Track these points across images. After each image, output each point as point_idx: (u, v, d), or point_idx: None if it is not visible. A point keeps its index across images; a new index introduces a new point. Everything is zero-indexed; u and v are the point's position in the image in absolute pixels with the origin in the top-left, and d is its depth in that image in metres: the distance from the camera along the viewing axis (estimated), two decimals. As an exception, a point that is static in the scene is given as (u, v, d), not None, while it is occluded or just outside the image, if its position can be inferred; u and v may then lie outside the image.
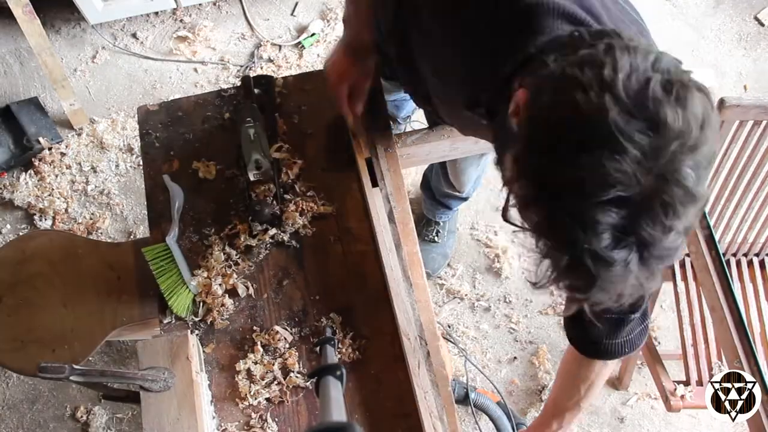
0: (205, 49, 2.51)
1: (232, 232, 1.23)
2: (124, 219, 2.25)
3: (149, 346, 1.07)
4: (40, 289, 1.43)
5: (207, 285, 1.17)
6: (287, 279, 1.20)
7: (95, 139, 2.36)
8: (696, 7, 2.62)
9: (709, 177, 0.85)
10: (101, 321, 1.38)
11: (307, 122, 1.33)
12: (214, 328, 1.17)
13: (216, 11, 2.58)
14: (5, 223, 2.25)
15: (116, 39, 2.54)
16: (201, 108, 1.36)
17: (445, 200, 1.92)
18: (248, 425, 1.10)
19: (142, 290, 1.30)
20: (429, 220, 2.06)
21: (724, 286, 1.19)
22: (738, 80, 2.47)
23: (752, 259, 1.69)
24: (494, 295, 2.13)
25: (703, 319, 1.60)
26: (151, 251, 1.18)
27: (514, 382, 2.02)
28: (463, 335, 2.07)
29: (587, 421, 1.97)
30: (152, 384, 1.02)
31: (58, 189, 2.27)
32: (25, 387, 2.04)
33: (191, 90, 2.42)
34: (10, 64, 2.52)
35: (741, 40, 2.55)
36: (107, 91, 2.46)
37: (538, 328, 2.09)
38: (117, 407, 1.99)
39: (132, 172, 2.32)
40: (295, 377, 1.11)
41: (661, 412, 1.98)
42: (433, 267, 2.10)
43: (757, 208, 1.57)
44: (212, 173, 1.29)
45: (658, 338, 2.05)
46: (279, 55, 2.48)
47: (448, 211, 2.01)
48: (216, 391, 1.12)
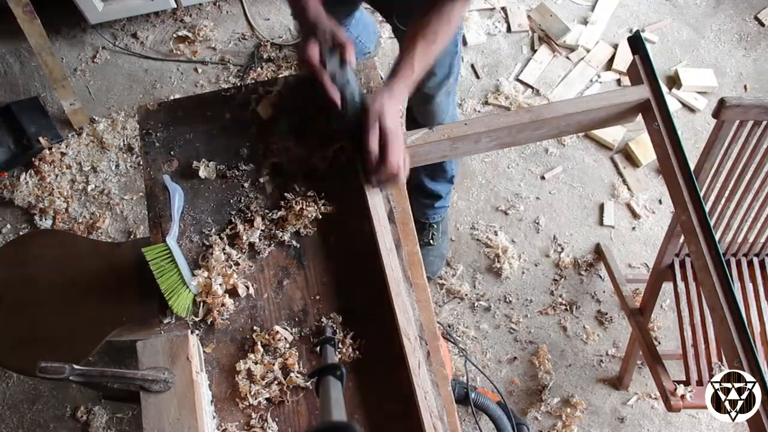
0: (205, 49, 2.51)
1: (232, 232, 1.23)
2: (124, 219, 2.25)
3: (149, 346, 1.07)
4: (40, 289, 1.43)
5: (207, 285, 1.17)
6: (287, 279, 1.20)
7: (95, 139, 2.36)
8: (696, 7, 2.62)
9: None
10: (101, 321, 1.38)
11: (308, 123, 1.33)
12: (214, 328, 1.17)
13: (216, 11, 2.58)
14: (5, 223, 2.25)
15: (116, 39, 2.54)
16: (201, 108, 1.36)
17: (433, 186, 1.92)
18: (248, 425, 1.10)
19: (142, 290, 1.30)
20: (423, 223, 2.06)
21: (724, 286, 1.19)
22: (738, 80, 2.48)
23: (752, 259, 1.70)
24: (494, 295, 2.13)
25: (703, 319, 1.60)
26: (151, 251, 1.18)
27: (514, 382, 2.02)
28: (463, 335, 2.08)
29: (587, 421, 1.97)
30: (152, 384, 1.02)
31: (58, 189, 2.27)
32: (25, 387, 2.04)
33: (191, 90, 2.43)
34: (11, 63, 2.52)
35: (741, 40, 2.55)
36: (107, 91, 2.46)
37: (538, 328, 2.09)
38: (117, 407, 1.99)
39: (132, 172, 2.32)
40: (295, 377, 1.11)
41: (661, 412, 1.98)
42: (432, 270, 2.11)
43: (757, 208, 1.57)
44: (212, 173, 1.29)
45: (658, 338, 2.05)
46: (279, 55, 2.48)
47: (440, 201, 2.00)
48: (216, 391, 1.12)
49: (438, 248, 2.11)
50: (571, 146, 2.35)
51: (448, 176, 1.92)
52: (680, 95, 2.43)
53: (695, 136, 2.36)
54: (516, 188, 2.29)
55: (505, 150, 2.34)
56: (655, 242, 2.19)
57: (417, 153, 1.28)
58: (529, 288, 2.14)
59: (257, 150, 1.31)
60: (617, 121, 1.36)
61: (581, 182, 2.29)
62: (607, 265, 2.08)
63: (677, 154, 1.25)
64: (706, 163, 1.46)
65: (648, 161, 2.30)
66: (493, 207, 2.26)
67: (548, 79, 2.46)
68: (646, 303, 1.77)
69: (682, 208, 1.24)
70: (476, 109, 2.41)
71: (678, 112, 2.41)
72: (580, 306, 2.11)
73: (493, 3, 2.60)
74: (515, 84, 2.45)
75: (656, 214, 2.25)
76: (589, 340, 2.06)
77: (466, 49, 2.52)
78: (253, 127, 1.33)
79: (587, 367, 2.04)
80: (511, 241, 2.20)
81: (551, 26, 2.52)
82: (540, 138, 1.37)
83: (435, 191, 1.95)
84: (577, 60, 2.50)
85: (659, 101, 1.29)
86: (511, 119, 1.28)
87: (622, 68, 2.46)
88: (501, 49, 2.52)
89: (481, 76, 2.47)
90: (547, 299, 2.12)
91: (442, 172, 1.91)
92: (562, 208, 2.26)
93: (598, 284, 2.14)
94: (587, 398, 2.00)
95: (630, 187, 2.28)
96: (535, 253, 2.19)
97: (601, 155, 2.34)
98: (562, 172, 2.31)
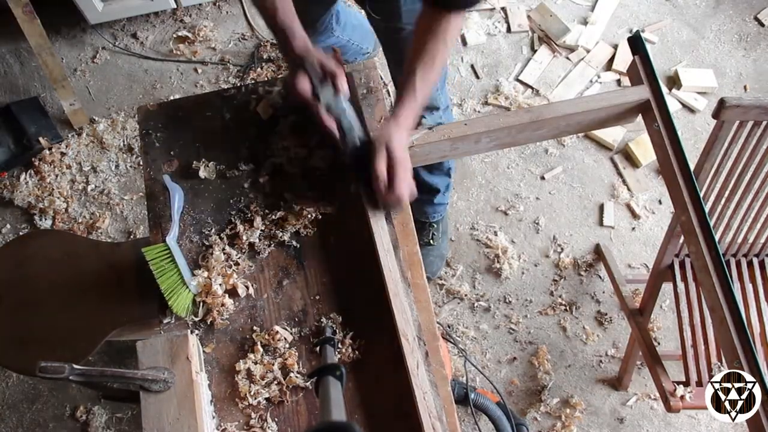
0: (205, 49, 2.51)
1: (232, 232, 1.23)
2: (124, 219, 2.25)
3: (149, 346, 1.07)
4: (40, 289, 1.43)
5: (207, 285, 1.17)
6: (287, 279, 1.20)
7: (95, 139, 2.36)
8: (696, 7, 2.62)
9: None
10: (101, 321, 1.38)
11: (307, 123, 1.33)
12: (214, 328, 1.17)
13: (216, 11, 2.59)
14: (5, 223, 2.25)
15: (116, 39, 2.54)
16: (201, 108, 1.36)
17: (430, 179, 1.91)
18: (248, 425, 1.10)
19: (142, 290, 1.30)
20: (423, 223, 2.06)
21: (724, 286, 1.19)
22: (738, 80, 2.48)
23: (752, 259, 1.70)
24: (494, 296, 2.13)
25: (703, 319, 1.60)
26: (151, 251, 1.18)
27: (514, 383, 2.02)
28: (463, 335, 2.08)
29: (587, 421, 1.97)
30: (152, 384, 1.02)
31: (58, 189, 2.27)
32: (25, 387, 2.04)
33: (191, 90, 2.43)
34: (11, 64, 2.53)
35: (741, 40, 2.55)
36: (107, 91, 2.46)
37: (537, 329, 2.09)
38: (117, 407, 1.99)
39: (132, 172, 2.32)
40: (295, 377, 1.11)
41: (660, 412, 1.98)
42: (432, 270, 2.11)
43: (757, 208, 1.57)
44: (212, 173, 1.29)
45: (657, 339, 2.05)
46: (279, 56, 2.48)
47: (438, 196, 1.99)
48: (216, 391, 1.12)
49: (438, 248, 2.11)
50: (571, 146, 2.35)
51: (445, 168, 1.90)
52: (680, 95, 2.43)
53: (695, 137, 2.36)
54: (516, 188, 2.29)
55: (505, 150, 2.34)
56: (655, 242, 2.19)
57: (417, 153, 1.28)
58: (529, 288, 2.14)
59: (257, 150, 1.31)
60: (617, 121, 1.36)
61: (581, 182, 2.29)
62: (606, 265, 2.08)
63: (677, 155, 1.25)
64: (706, 164, 1.46)
65: (648, 161, 2.30)
66: (492, 207, 2.26)
67: (548, 79, 2.46)
68: (646, 303, 1.77)
69: (682, 209, 1.24)
70: (476, 109, 2.41)
71: (678, 112, 2.41)
72: (579, 306, 2.11)
73: (493, 3, 2.60)
74: (515, 84, 2.45)
75: (656, 214, 2.25)
76: (589, 340, 2.07)
77: (466, 49, 2.52)
78: (253, 127, 1.33)
79: (587, 368, 2.04)
80: (511, 241, 2.20)
81: (551, 26, 2.52)
82: (540, 138, 1.37)
83: (433, 185, 1.94)
84: (577, 60, 2.50)
85: (659, 102, 1.29)
86: (511, 119, 1.28)
87: (622, 68, 2.46)
88: (501, 49, 2.52)
89: (481, 77, 2.47)
90: (547, 299, 2.12)
91: (439, 164, 1.89)
92: (562, 209, 2.26)
93: (597, 285, 2.14)
94: (587, 399, 2.00)
95: (630, 187, 2.28)
96: (534, 254, 2.19)
97: (601, 155, 2.34)
98: (562, 173, 2.31)
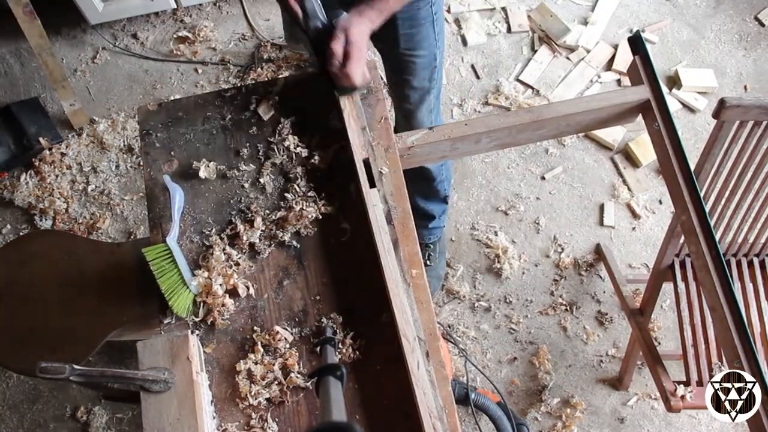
0: (205, 49, 2.51)
1: (232, 232, 1.23)
2: (124, 219, 2.25)
3: (149, 346, 1.07)
4: (40, 289, 1.43)
5: (207, 285, 1.17)
6: (288, 279, 1.20)
7: (95, 140, 2.36)
8: (696, 7, 2.62)
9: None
10: (101, 321, 1.38)
11: (308, 123, 1.33)
12: (214, 328, 1.17)
13: (216, 11, 2.59)
14: (5, 223, 2.25)
15: (116, 39, 2.54)
16: (201, 108, 1.36)
17: (426, 205, 1.91)
18: (248, 425, 1.10)
19: (142, 290, 1.30)
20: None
21: (724, 286, 1.18)
22: (738, 80, 2.48)
23: (752, 259, 1.70)
24: (494, 296, 2.13)
25: (703, 319, 1.60)
26: (151, 251, 1.18)
27: (515, 383, 2.02)
28: (464, 335, 2.08)
29: (587, 421, 1.97)
30: (152, 384, 1.01)
31: (58, 189, 2.27)
32: (25, 387, 2.04)
33: (192, 90, 2.43)
34: (11, 64, 2.53)
35: (741, 40, 2.55)
36: (107, 92, 2.46)
37: (538, 329, 2.09)
38: (117, 407, 1.99)
39: (132, 172, 2.32)
40: (295, 377, 1.11)
41: (661, 412, 1.98)
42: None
43: (757, 208, 1.57)
44: (212, 173, 1.29)
45: (658, 338, 2.05)
46: (279, 56, 2.48)
47: (434, 221, 1.99)
48: (216, 391, 1.12)
49: (435, 269, 2.10)
50: (571, 146, 2.35)
51: (441, 196, 1.89)
52: (680, 95, 2.43)
53: (695, 137, 2.36)
54: (516, 188, 2.29)
55: (505, 150, 2.34)
56: (655, 242, 2.19)
57: (417, 153, 1.28)
58: (529, 288, 2.14)
59: (257, 150, 1.31)
60: (617, 121, 1.36)
61: (581, 182, 2.29)
62: (607, 265, 2.08)
63: (677, 155, 1.25)
64: (706, 164, 1.46)
65: (648, 161, 2.30)
66: (493, 207, 2.26)
67: (548, 79, 2.46)
68: (646, 303, 1.77)
69: (682, 209, 1.24)
70: (476, 109, 2.41)
71: (678, 112, 2.41)
72: (580, 306, 2.11)
73: (493, 3, 2.60)
74: (515, 84, 2.45)
75: (656, 214, 2.25)
76: (589, 340, 2.06)
77: (466, 50, 2.52)
78: (253, 127, 1.33)
79: (587, 368, 2.04)
80: (511, 241, 2.20)
81: (551, 26, 2.52)
82: (540, 138, 1.37)
83: (428, 211, 1.93)
84: (578, 60, 2.50)
85: (659, 101, 1.29)
86: (512, 120, 1.28)
87: (622, 68, 2.46)
88: (501, 49, 2.52)
89: (481, 77, 2.47)
90: (547, 299, 2.12)
91: (435, 192, 1.89)
92: (563, 209, 2.26)
93: (598, 284, 2.14)
94: (587, 399, 2.00)
95: (630, 187, 2.28)
96: (535, 254, 2.19)
97: (601, 155, 2.34)
98: (562, 173, 2.31)
